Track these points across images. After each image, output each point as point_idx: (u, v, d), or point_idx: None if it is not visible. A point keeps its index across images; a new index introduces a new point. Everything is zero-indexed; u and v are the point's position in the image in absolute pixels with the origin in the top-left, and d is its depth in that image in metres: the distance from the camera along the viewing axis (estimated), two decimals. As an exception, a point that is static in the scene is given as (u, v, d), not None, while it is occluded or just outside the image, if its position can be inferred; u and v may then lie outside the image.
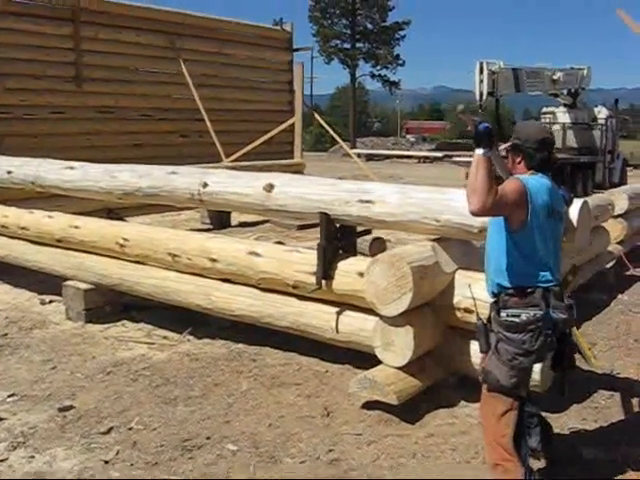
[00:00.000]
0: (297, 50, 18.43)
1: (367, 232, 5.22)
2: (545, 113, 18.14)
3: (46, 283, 7.02)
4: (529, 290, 3.09)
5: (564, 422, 4.13)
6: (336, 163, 32.21)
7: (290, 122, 14.26)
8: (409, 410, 4.15)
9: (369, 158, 35.20)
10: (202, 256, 5.52)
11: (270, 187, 5.11)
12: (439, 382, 4.47)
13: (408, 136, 67.50)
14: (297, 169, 13.36)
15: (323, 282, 4.74)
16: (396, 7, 50.94)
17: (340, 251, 4.85)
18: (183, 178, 5.76)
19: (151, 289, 5.87)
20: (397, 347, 4.19)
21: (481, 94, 13.38)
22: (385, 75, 51.99)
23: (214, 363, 5.19)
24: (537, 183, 3.13)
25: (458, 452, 3.74)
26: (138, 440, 3.91)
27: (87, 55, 13.34)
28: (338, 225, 4.85)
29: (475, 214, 3.01)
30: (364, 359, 4.86)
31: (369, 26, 51.72)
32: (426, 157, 38.31)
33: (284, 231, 11.71)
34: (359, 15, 51.34)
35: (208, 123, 13.81)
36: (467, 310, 4.25)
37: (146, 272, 5.90)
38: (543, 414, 4.09)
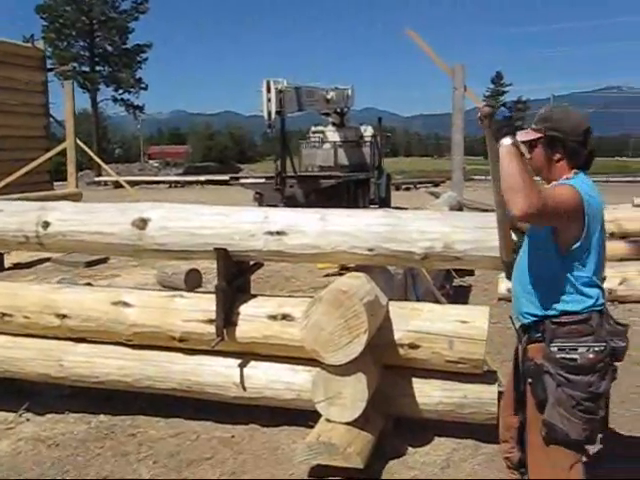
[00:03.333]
0: (51, 70, 16.68)
1: (259, 265, 4.52)
2: (315, 132, 18.52)
3: None
4: (584, 316, 2.60)
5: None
6: (88, 192, 29.97)
7: (61, 148, 12.70)
8: (363, 471, 3.54)
9: (117, 186, 33.27)
10: (45, 312, 4.39)
11: (143, 223, 4.16)
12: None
13: (151, 161, 65.84)
14: (74, 199, 12.00)
15: (224, 331, 3.97)
16: (135, 30, 49.34)
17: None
18: (9, 217, 4.52)
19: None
20: (346, 399, 3.56)
21: (269, 113, 13.12)
22: (128, 99, 49.99)
23: (83, 447, 4.10)
24: (587, 187, 2.60)
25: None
26: None
27: None
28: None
29: (522, 217, 2.42)
30: (269, 415, 4.20)
31: (109, 48, 49.36)
32: (197, 181, 37.49)
33: (71, 270, 10.31)
34: (97, 37, 48.80)
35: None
36: (411, 346, 3.78)
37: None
38: (494, 448, 3.81)
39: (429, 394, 3.88)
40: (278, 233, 3.93)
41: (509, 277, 3.54)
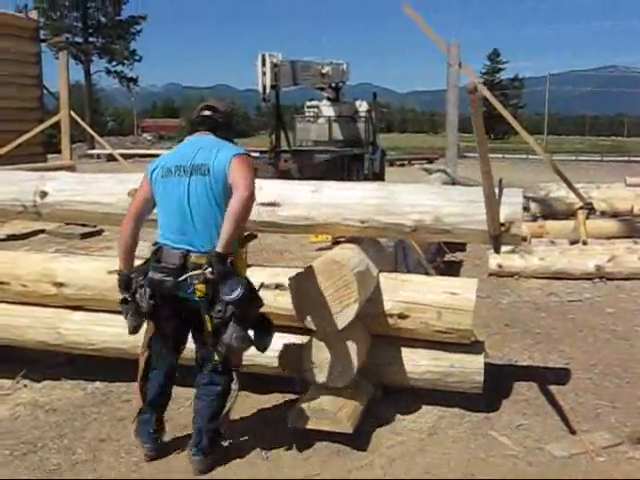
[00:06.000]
0: (45, 41, 16.53)
1: (253, 236, 4.57)
2: (310, 107, 18.42)
3: None
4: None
5: (510, 420, 3.96)
6: (80, 165, 29.81)
7: (55, 119, 12.66)
8: (352, 435, 3.66)
9: (110, 159, 33.07)
10: (43, 281, 4.46)
11: (139, 192, 4.22)
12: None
13: (145, 135, 65.44)
14: (68, 171, 11.97)
15: None
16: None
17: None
18: (7, 187, 4.58)
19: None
20: (337, 367, 3.66)
21: (264, 87, 13.09)
22: (122, 71, 49.45)
23: (80, 412, 4.20)
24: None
25: (434, 476, 3.36)
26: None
27: None
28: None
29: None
30: (260, 383, 4.28)
31: (103, 20, 48.71)
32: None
33: (65, 241, 10.35)
34: (91, 8, 48.16)
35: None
36: (401, 316, 3.88)
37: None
38: (479, 416, 3.94)
39: (417, 363, 3.99)
40: (271, 204, 4.01)
41: (497, 251, 3.65)
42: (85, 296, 4.43)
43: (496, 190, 3.51)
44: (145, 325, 3.57)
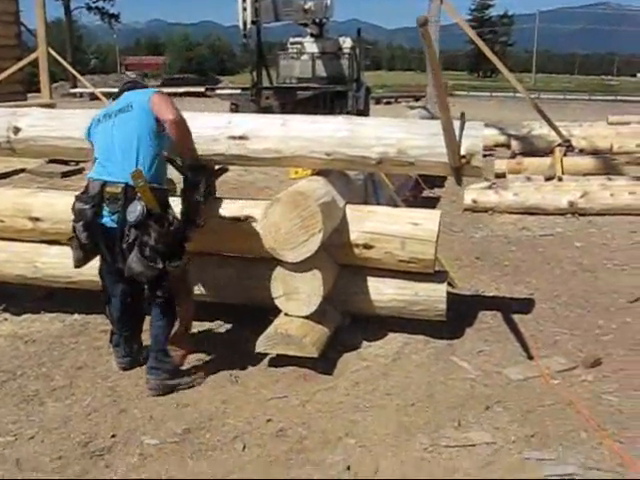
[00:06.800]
0: (21, -25, 16.06)
1: (224, 170, 4.63)
2: (293, 43, 18.16)
3: None
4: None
5: (471, 347, 4.13)
6: (62, 104, 29.34)
7: (33, 57, 12.46)
8: (318, 360, 3.82)
9: (93, 98, 32.53)
10: (19, 216, 4.53)
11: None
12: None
13: (128, 73, 64.15)
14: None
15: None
16: None
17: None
18: (-22, 123, 4.58)
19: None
20: (303, 294, 3.79)
21: (245, 23, 12.89)
22: (103, 7, 48.35)
23: (59, 342, 4.33)
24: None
25: (395, 397, 3.53)
26: (21, 457, 3.07)
27: None
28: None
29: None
30: (233, 313, 4.43)
31: (82, -48, 47.46)
32: (175, 93, 36.86)
33: (46, 180, 10.34)
34: (68, -62, 46.68)
35: None
36: (366, 246, 4.00)
37: None
38: (443, 343, 4.11)
39: (383, 292, 4.13)
40: (240, 138, 4.06)
41: (459, 183, 3.74)
42: (60, 230, 4.50)
43: (458, 123, 3.59)
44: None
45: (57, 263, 4.59)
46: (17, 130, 4.44)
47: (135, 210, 3.35)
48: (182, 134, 3.73)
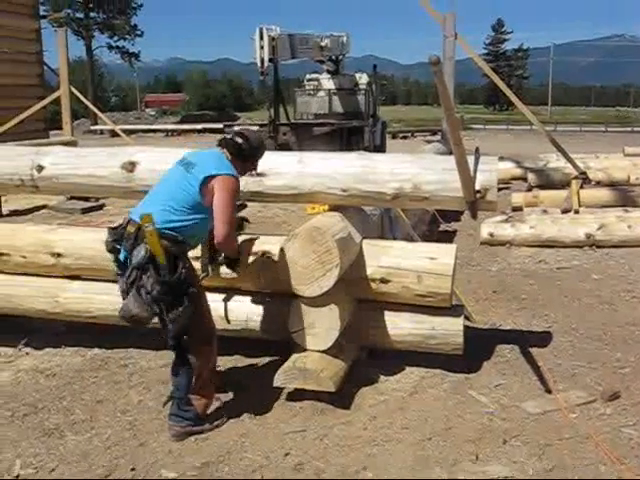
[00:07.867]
0: (45, 17, 16.55)
1: (243, 206, 4.73)
2: (310, 80, 18.43)
3: None
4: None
5: (489, 380, 4.13)
6: (83, 141, 29.84)
7: (55, 95, 12.75)
8: (335, 394, 3.84)
9: (113, 134, 33.04)
10: (41, 252, 4.64)
11: (131, 165, 4.37)
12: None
13: (148, 110, 65.35)
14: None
15: (209, 268, 4.22)
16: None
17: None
18: (5, 162, 4.72)
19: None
20: (320, 329, 3.84)
21: (262, 60, 13.12)
22: (124, 47, 49.42)
23: (79, 377, 4.39)
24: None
25: (412, 430, 3.54)
26: (42, 489, 3.12)
27: None
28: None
29: None
30: (252, 346, 4.46)
31: (103, -6, 48.61)
32: (194, 130, 37.51)
33: (67, 216, 10.55)
34: (90, -18, 47.99)
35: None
36: (382, 281, 4.04)
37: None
38: (460, 376, 4.11)
39: (400, 326, 4.15)
40: (258, 174, 4.15)
41: (474, 217, 3.79)
42: (82, 265, 4.60)
43: (472, 158, 3.64)
44: None
45: (79, 298, 4.68)
46: (41, 168, 4.57)
47: (139, 253, 3.33)
48: (225, 245, 3.66)
